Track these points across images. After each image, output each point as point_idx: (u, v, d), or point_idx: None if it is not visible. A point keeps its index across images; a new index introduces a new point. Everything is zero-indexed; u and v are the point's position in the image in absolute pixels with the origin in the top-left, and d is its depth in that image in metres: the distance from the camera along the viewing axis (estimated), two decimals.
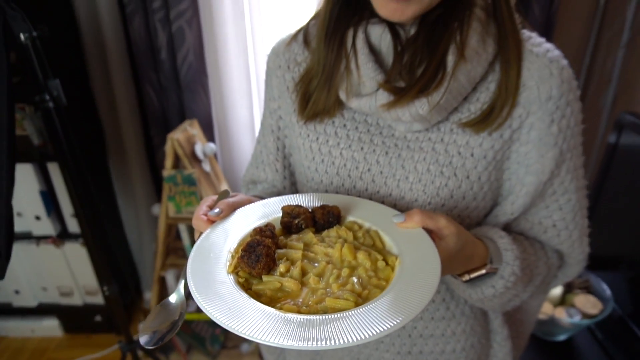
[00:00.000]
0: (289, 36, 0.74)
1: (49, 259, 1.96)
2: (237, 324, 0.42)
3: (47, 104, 1.17)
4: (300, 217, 0.57)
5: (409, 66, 0.59)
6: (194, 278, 0.49)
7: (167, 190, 1.63)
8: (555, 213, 0.66)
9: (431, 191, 0.62)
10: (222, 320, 0.43)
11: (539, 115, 0.60)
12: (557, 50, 0.62)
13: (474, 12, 0.58)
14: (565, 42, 1.75)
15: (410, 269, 0.49)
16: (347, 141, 0.67)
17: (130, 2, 1.66)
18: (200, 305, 0.45)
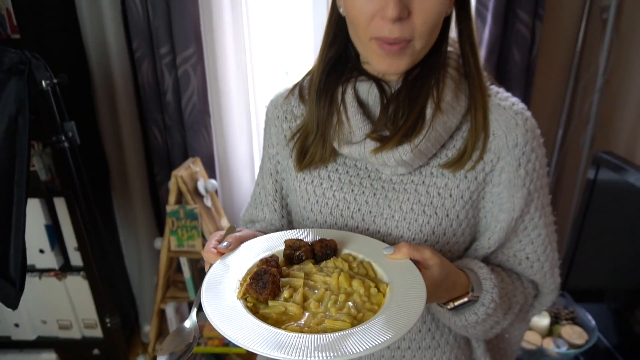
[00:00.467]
0: (286, 90, 0.84)
1: (50, 292, 2.00)
2: (248, 342, 0.49)
3: (63, 144, 1.25)
4: (301, 250, 0.64)
5: (393, 118, 0.68)
6: (208, 304, 0.56)
7: (170, 224, 1.70)
8: (528, 246, 0.74)
9: (415, 228, 0.70)
10: (236, 338, 0.50)
11: (508, 160, 0.69)
12: (522, 103, 0.72)
13: (447, 71, 0.68)
14: (546, 86, 1.88)
15: (400, 295, 0.57)
16: (339, 184, 0.75)
17: (139, 48, 1.78)
18: (215, 326, 0.52)
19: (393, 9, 0.57)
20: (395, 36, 0.60)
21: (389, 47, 0.62)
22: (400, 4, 0.58)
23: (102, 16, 1.75)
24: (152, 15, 1.73)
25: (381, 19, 0.60)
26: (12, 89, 1.07)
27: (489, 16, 1.65)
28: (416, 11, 0.60)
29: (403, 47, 0.62)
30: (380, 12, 0.60)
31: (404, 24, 0.60)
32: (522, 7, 1.64)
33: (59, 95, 1.21)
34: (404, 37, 0.61)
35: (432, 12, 0.60)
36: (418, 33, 0.61)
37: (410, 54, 0.63)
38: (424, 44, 0.63)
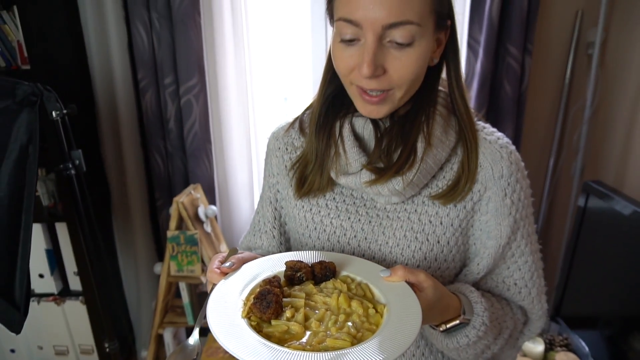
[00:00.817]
0: (287, 123, 0.89)
1: (48, 316, 2.00)
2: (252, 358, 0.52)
3: (70, 172, 1.29)
4: (301, 271, 0.68)
5: (387, 151, 0.73)
6: (213, 322, 0.59)
7: (170, 249, 1.73)
8: (516, 272, 0.78)
9: (407, 254, 0.74)
10: (242, 355, 0.53)
11: (494, 190, 0.73)
12: (506, 138, 0.77)
13: (436, 108, 0.73)
14: (536, 116, 1.95)
15: (396, 315, 0.60)
16: (336, 212, 0.79)
17: (144, 78, 1.85)
18: (221, 343, 0.55)
19: (367, 69, 0.63)
20: (371, 87, 0.66)
21: (368, 97, 0.67)
22: (373, 65, 0.63)
23: (109, 47, 1.82)
24: (157, 47, 1.80)
25: (358, 72, 0.65)
26: (24, 120, 1.11)
27: (481, 50, 1.73)
28: (391, 69, 0.65)
29: (382, 97, 0.67)
30: (357, 67, 0.65)
31: (381, 79, 0.65)
32: (512, 42, 1.72)
33: (67, 125, 1.26)
34: (382, 87, 0.66)
35: (406, 69, 0.65)
36: (396, 84, 0.66)
37: (390, 102, 0.68)
38: (404, 93, 0.68)
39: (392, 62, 0.64)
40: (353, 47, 0.66)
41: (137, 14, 1.76)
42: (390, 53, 0.64)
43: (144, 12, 1.76)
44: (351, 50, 0.66)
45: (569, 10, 1.82)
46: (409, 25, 0.62)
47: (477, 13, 1.71)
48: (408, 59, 0.64)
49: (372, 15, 0.61)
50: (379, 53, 0.63)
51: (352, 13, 0.63)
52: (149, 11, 1.76)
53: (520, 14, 1.68)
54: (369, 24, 0.62)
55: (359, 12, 0.62)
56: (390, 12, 0.61)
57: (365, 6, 0.61)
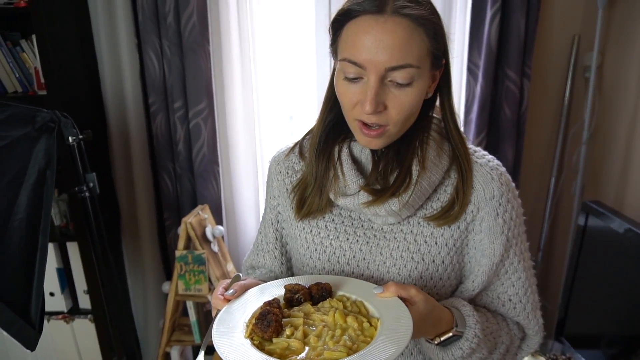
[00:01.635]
0: (287, 148, 0.94)
1: (58, 334, 2.04)
2: None
3: (84, 194, 1.35)
4: (299, 293, 0.72)
5: (383, 173, 0.78)
6: (220, 343, 0.64)
7: (179, 268, 1.77)
8: (510, 289, 0.82)
9: (404, 273, 0.78)
10: None
11: (487, 210, 0.77)
12: (497, 160, 0.82)
13: (430, 134, 0.78)
14: (536, 138, 1.99)
15: (389, 328, 0.64)
16: (335, 233, 0.83)
17: (155, 102, 1.92)
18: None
19: (369, 106, 0.68)
20: (372, 122, 0.71)
21: (367, 131, 0.72)
22: (375, 102, 0.68)
23: (122, 73, 1.90)
24: (167, 72, 1.88)
25: (361, 108, 0.70)
26: (43, 145, 1.18)
27: (480, 74, 1.78)
28: (391, 105, 0.70)
29: (380, 132, 0.72)
30: (360, 103, 0.70)
31: (381, 114, 0.70)
32: (510, 66, 1.78)
33: (82, 150, 1.32)
34: (381, 123, 0.71)
35: (405, 106, 0.70)
36: (393, 122, 0.71)
37: (386, 137, 0.73)
38: (399, 129, 0.74)
39: (392, 100, 0.70)
40: (356, 84, 0.71)
41: (149, 41, 1.84)
42: (391, 92, 0.69)
43: (156, 40, 1.84)
44: (355, 87, 0.71)
45: (566, 35, 1.87)
46: (409, 68, 0.67)
47: (476, 38, 1.77)
48: (406, 97, 0.70)
49: (376, 58, 0.66)
50: (380, 92, 0.69)
51: (356, 56, 0.68)
52: (161, 39, 1.85)
53: (518, 39, 1.74)
54: (372, 66, 0.67)
55: (363, 55, 0.67)
56: (392, 57, 0.66)
57: (369, 50, 0.67)
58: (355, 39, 0.68)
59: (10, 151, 1.12)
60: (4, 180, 1.09)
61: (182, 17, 1.77)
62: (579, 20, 1.85)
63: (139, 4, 1.81)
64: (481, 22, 1.74)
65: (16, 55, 1.78)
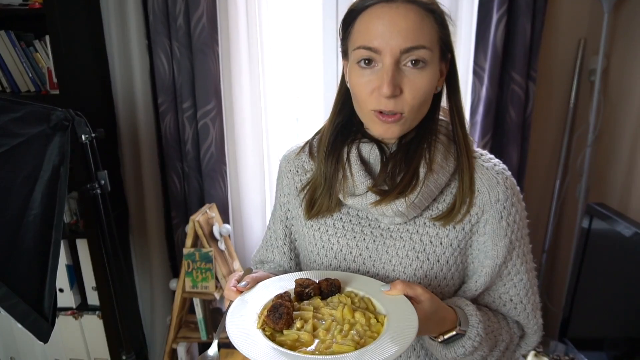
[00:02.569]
0: (298, 147, 0.96)
1: (66, 330, 2.07)
2: None
3: (96, 191, 1.38)
4: (310, 287, 0.74)
5: (391, 174, 0.79)
6: (232, 333, 0.66)
7: (186, 266, 1.80)
8: (511, 289, 0.84)
9: (409, 272, 0.80)
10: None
11: (491, 213, 0.79)
12: (502, 164, 0.83)
13: (438, 137, 0.80)
14: (542, 141, 2.00)
15: (395, 325, 0.66)
16: (343, 231, 0.85)
17: (164, 102, 1.95)
18: (241, 351, 0.62)
19: (387, 88, 0.70)
20: (389, 108, 0.73)
21: (384, 118, 0.74)
22: (392, 84, 0.71)
23: (132, 74, 1.94)
24: (177, 73, 1.91)
25: (378, 94, 0.73)
26: (57, 143, 1.21)
27: (486, 77, 1.80)
28: (407, 89, 0.72)
29: (396, 118, 0.74)
30: (377, 89, 0.72)
31: (397, 100, 0.73)
32: (515, 70, 1.79)
33: (95, 148, 1.35)
34: (397, 110, 0.73)
35: (420, 89, 0.73)
36: (409, 107, 0.73)
37: (402, 124, 0.75)
38: (414, 117, 0.76)
39: (407, 84, 0.72)
40: (371, 72, 0.73)
41: (160, 43, 1.87)
42: (406, 76, 0.72)
43: (166, 41, 1.87)
44: (370, 75, 0.73)
45: (572, 38, 1.89)
46: (423, 50, 0.71)
47: (482, 41, 1.78)
48: (421, 81, 0.72)
49: (391, 41, 0.70)
50: (396, 75, 0.71)
51: (371, 41, 0.71)
52: (171, 40, 1.88)
53: (523, 42, 1.75)
54: (388, 49, 0.70)
55: (377, 40, 0.71)
56: (407, 38, 0.70)
57: (383, 34, 0.70)
58: (369, 26, 0.72)
59: (26, 148, 1.15)
60: (20, 176, 1.12)
61: (192, 19, 1.80)
62: (585, 24, 1.87)
63: (149, 6, 1.84)
64: (487, 25, 1.76)
65: (29, 55, 1.81)
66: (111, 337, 2.01)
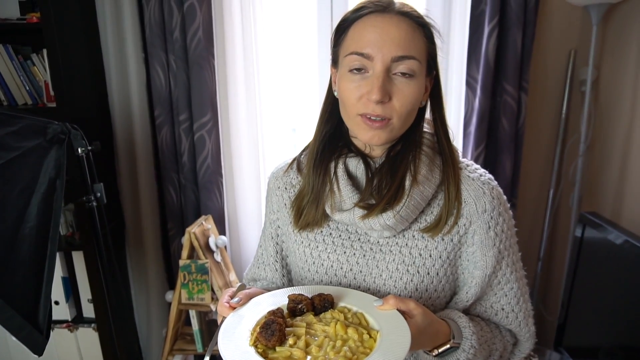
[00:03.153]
0: (285, 164, 0.97)
1: (61, 343, 2.07)
2: None
3: (92, 204, 1.39)
4: (302, 303, 0.75)
5: (377, 188, 0.80)
6: (225, 350, 0.66)
7: (182, 277, 1.80)
8: (502, 299, 0.85)
9: (400, 285, 0.81)
10: None
11: (479, 223, 0.80)
12: (488, 174, 0.85)
13: (422, 149, 0.82)
14: (534, 150, 2.02)
15: (388, 340, 0.67)
16: (332, 247, 0.86)
17: (160, 115, 1.96)
18: None
19: (377, 94, 0.72)
20: (377, 113, 0.74)
21: (371, 123, 0.76)
22: (382, 90, 0.73)
23: (129, 86, 1.95)
24: (173, 86, 1.93)
25: (367, 99, 0.74)
26: (53, 156, 1.22)
27: (479, 88, 1.82)
28: (395, 97, 0.74)
29: (383, 124, 0.76)
30: (367, 94, 0.74)
31: (385, 105, 0.74)
32: (508, 81, 1.82)
33: (91, 160, 1.36)
34: (385, 115, 0.75)
35: (408, 98, 0.75)
36: (397, 113, 0.75)
37: (389, 130, 0.77)
38: (401, 125, 0.77)
39: (396, 92, 0.74)
40: (361, 78, 0.75)
41: (156, 56, 1.89)
42: (395, 84, 0.75)
43: (162, 55, 1.89)
44: (360, 81, 0.75)
45: (562, 50, 1.92)
46: (413, 60, 0.74)
47: (474, 53, 1.81)
48: (409, 90, 0.75)
49: (382, 49, 0.73)
50: (386, 82, 0.74)
51: (363, 47, 0.74)
52: (167, 54, 1.90)
53: (515, 54, 1.78)
54: (379, 56, 0.73)
55: (370, 47, 0.73)
56: (398, 47, 0.73)
57: (376, 42, 0.73)
58: (362, 33, 0.74)
59: (22, 161, 1.16)
60: (16, 189, 1.13)
61: (188, 32, 1.82)
62: (575, 35, 1.90)
63: (146, 19, 1.87)
64: (479, 37, 1.78)
65: (27, 68, 1.83)
66: (107, 350, 2.00)
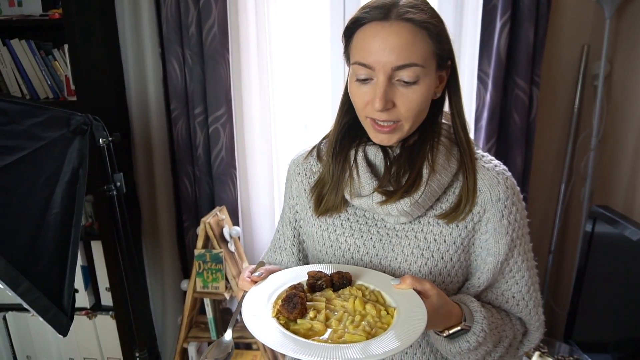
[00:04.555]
0: (305, 151, 1.00)
1: (80, 330, 2.12)
2: (285, 350, 0.62)
3: (112, 193, 1.43)
4: (322, 280, 0.78)
5: (396, 176, 0.83)
6: (248, 321, 0.69)
7: (197, 267, 1.85)
8: (514, 286, 0.87)
9: (414, 269, 0.83)
10: (276, 347, 0.63)
11: (493, 212, 0.83)
12: (503, 165, 0.87)
13: (440, 139, 0.84)
14: (546, 144, 2.03)
15: (405, 317, 0.70)
16: (350, 231, 0.89)
17: (176, 108, 2.01)
18: (257, 338, 0.65)
19: (379, 103, 0.74)
20: (383, 118, 0.77)
21: (379, 127, 0.78)
22: (384, 99, 0.74)
23: (146, 80, 2.00)
24: (189, 80, 1.97)
25: (372, 106, 0.76)
26: (76, 146, 1.26)
27: (490, 83, 1.84)
28: (400, 103, 0.76)
29: (392, 128, 0.78)
30: (370, 102, 0.77)
31: (391, 111, 0.76)
32: (519, 75, 1.83)
33: (111, 151, 1.40)
34: (392, 118, 0.77)
35: (413, 103, 0.76)
36: (404, 117, 0.77)
37: (399, 132, 0.79)
38: (411, 125, 0.79)
39: (400, 98, 0.76)
40: (367, 85, 0.77)
41: (172, 51, 1.93)
42: (399, 90, 0.76)
43: (179, 50, 1.93)
44: (365, 88, 0.77)
45: (575, 44, 1.92)
46: (414, 67, 0.74)
47: (486, 48, 1.82)
48: (413, 95, 0.76)
49: (383, 59, 0.73)
50: (389, 90, 0.75)
51: (365, 58, 0.75)
52: (183, 48, 1.94)
53: (527, 48, 1.79)
54: (380, 66, 0.74)
55: (371, 57, 0.74)
56: (399, 56, 0.73)
57: (377, 52, 0.74)
58: (364, 44, 0.75)
59: (47, 151, 1.20)
60: (42, 177, 1.18)
61: (203, 28, 1.86)
62: (588, 30, 1.90)
63: (163, 15, 1.91)
64: (491, 32, 1.80)
65: (48, 63, 1.88)
66: (124, 337, 2.06)
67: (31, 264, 1.13)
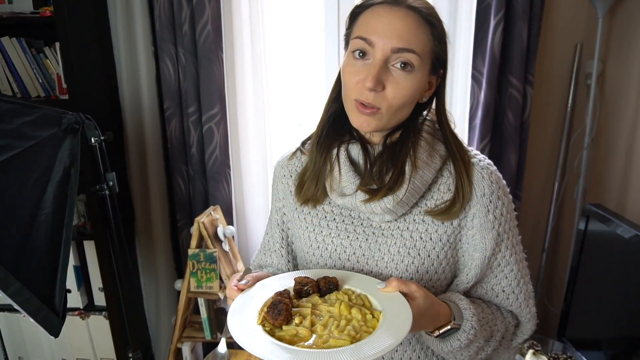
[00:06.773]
0: (290, 152, 1.00)
1: (73, 330, 2.12)
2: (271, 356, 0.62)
3: (104, 192, 1.42)
4: (308, 285, 0.78)
5: (378, 174, 0.83)
6: (234, 329, 0.70)
7: (191, 266, 1.84)
8: (503, 281, 0.87)
9: (401, 268, 0.84)
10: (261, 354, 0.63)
11: (478, 207, 0.83)
12: (487, 160, 0.87)
13: (422, 136, 0.84)
14: (540, 143, 2.04)
15: (390, 321, 0.70)
16: (336, 231, 0.89)
17: (169, 107, 2.00)
18: (243, 346, 0.65)
19: (370, 82, 0.75)
20: (369, 100, 0.77)
21: (362, 109, 0.78)
22: (376, 79, 0.75)
23: (139, 79, 1.99)
24: (182, 79, 1.96)
25: (362, 86, 0.77)
26: (68, 145, 1.25)
27: (484, 82, 1.84)
28: (389, 87, 0.76)
29: (372, 112, 0.78)
30: (362, 81, 0.77)
31: (378, 94, 0.77)
32: (513, 74, 1.83)
33: (104, 150, 1.40)
34: (375, 104, 0.77)
35: (402, 90, 0.77)
36: (387, 104, 0.77)
37: (378, 119, 0.79)
38: (391, 116, 0.79)
39: (392, 83, 0.76)
40: (362, 64, 0.78)
41: (166, 49, 1.92)
42: (392, 75, 0.77)
43: (172, 48, 1.92)
44: (360, 66, 0.78)
45: (568, 43, 1.93)
46: (412, 54, 0.75)
47: (480, 47, 1.83)
48: (405, 83, 0.77)
49: (385, 38, 0.75)
50: (382, 72, 0.76)
51: (368, 33, 0.76)
52: (176, 47, 1.93)
53: (520, 47, 1.79)
54: (380, 44, 0.75)
55: (374, 35, 0.76)
56: (400, 39, 0.75)
57: (381, 30, 0.75)
58: (370, 20, 0.77)
59: (39, 150, 1.20)
60: (33, 177, 1.17)
61: (197, 26, 1.85)
62: (581, 29, 1.90)
63: (156, 13, 1.90)
64: (485, 31, 1.80)
65: (40, 61, 1.87)
66: (117, 337, 2.05)
67: (22, 264, 1.12)
